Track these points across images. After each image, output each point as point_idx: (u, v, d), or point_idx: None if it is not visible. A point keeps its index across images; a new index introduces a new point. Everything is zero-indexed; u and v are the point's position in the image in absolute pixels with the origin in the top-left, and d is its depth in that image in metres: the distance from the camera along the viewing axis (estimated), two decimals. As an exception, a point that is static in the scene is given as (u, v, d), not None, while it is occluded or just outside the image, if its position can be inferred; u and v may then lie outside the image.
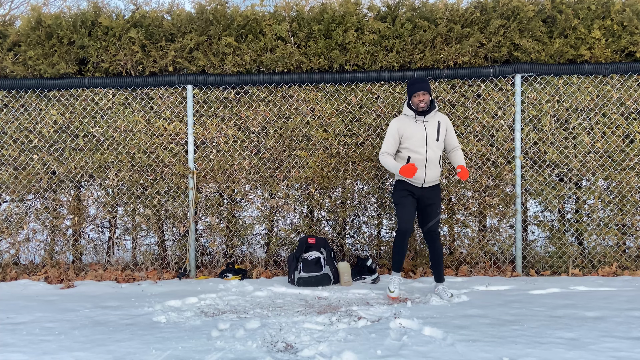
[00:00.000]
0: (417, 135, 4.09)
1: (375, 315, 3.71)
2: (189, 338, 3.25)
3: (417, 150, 4.09)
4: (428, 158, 4.08)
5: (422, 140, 4.09)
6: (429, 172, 4.11)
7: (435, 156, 4.12)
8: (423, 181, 4.12)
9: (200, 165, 5.17)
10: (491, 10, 4.91)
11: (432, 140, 4.10)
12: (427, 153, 4.08)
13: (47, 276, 5.00)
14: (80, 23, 5.00)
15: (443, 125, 4.17)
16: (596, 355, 2.84)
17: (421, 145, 4.09)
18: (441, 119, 4.19)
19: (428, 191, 4.17)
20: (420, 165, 4.09)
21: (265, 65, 5.04)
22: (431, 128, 4.12)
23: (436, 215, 4.19)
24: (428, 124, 4.12)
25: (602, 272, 4.93)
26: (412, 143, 4.10)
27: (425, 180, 4.12)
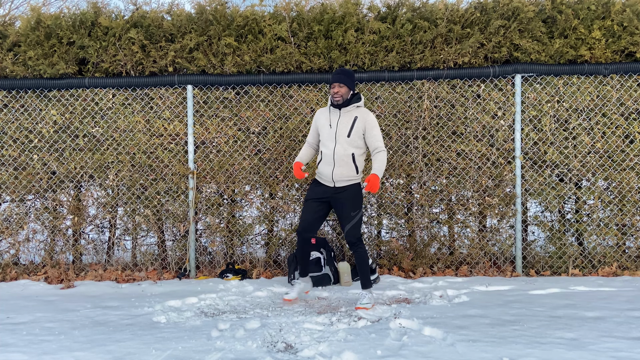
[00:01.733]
0: (328, 129, 3.90)
1: (375, 315, 3.71)
2: (189, 338, 3.25)
3: (326, 145, 3.90)
4: (336, 154, 3.84)
5: (332, 134, 3.86)
6: (337, 170, 3.86)
7: (346, 153, 3.83)
8: (331, 179, 3.90)
9: (200, 166, 5.17)
10: (491, 11, 4.91)
11: (342, 136, 3.83)
12: (334, 149, 3.84)
13: (47, 276, 5.00)
14: (80, 23, 5.00)
15: (360, 121, 3.84)
16: (596, 356, 2.84)
17: (330, 139, 3.87)
18: (360, 114, 3.87)
19: (339, 191, 3.91)
20: (328, 162, 3.87)
21: (265, 65, 5.04)
22: (344, 122, 3.86)
23: (349, 218, 3.86)
24: (342, 118, 3.87)
25: (602, 272, 4.93)
26: (324, 135, 3.92)
27: (334, 179, 3.88)
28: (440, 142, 5.08)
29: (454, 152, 5.07)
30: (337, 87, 3.85)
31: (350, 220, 3.87)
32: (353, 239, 3.91)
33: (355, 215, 3.88)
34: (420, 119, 5.06)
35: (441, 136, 5.07)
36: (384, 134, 5.11)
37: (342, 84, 3.84)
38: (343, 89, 3.85)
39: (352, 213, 3.87)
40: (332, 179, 3.91)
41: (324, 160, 3.94)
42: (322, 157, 3.95)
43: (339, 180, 3.91)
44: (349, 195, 3.90)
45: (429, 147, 5.07)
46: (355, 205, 3.89)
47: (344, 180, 3.91)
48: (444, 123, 5.07)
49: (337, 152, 3.85)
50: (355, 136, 3.85)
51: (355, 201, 3.91)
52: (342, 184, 3.92)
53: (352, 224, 3.88)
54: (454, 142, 5.08)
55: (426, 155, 5.09)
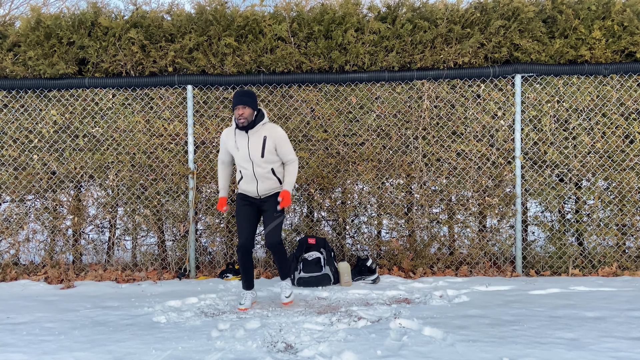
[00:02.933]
0: (241, 151, 3.88)
1: (375, 315, 3.71)
2: (189, 338, 3.25)
3: (243, 166, 3.91)
4: (256, 173, 3.88)
5: (246, 156, 3.86)
6: (262, 185, 3.92)
7: (265, 171, 3.88)
8: (257, 194, 3.95)
9: (200, 166, 5.17)
10: (491, 11, 4.91)
11: (256, 157, 3.84)
12: (253, 169, 3.87)
13: (47, 276, 5.00)
14: (80, 23, 5.00)
15: (270, 140, 3.82)
16: (596, 356, 2.84)
17: (245, 160, 3.88)
18: (268, 133, 3.84)
19: (265, 200, 3.96)
20: (250, 180, 3.92)
21: (265, 65, 5.04)
22: (255, 143, 3.83)
23: (272, 219, 3.88)
24: (252, 139, 3.84)
25: (602, 273, 4.93)
26: (238, 158, 3.91)
27: (259, 194, 3.94)
28: (440, 142, 5.08)
29: (454, 152, 5.07)
30: (241, 109, 3.77)
31: (272, 221, 3.89)
32: (274, 241, 3.87)
33: (278, 216, 3.91)
34: (420, 119, 5.06)
35: (441, 136, 5.07)
36: (384, 134, 5.11)
37: (246, 105, 3.77)
38: (247, 110, 3.78)
39: (275, 214, 3.90)
40: (258, 194, 3.96)
41: (245, 180, 3.95)
42: (243, 176, 3.95)
43: (264, 194, 3.97)
44: (274, 200, 3.95)
45: (429, 147, 5.07)
46: (276, 209, 3.92)
47: (269, 192, 3.97)
48: (444, 123, 5.07)
49: (257, 172, 3.89)
50: (269, 154, 3.86)
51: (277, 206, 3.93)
52: (267, 194, 3.98)
53: (274, 225, 3.89)
54: (454, 142, 5.08)
55: (426, 155, 5.09)
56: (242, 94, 3.81)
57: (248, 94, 3.81)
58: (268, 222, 3.92)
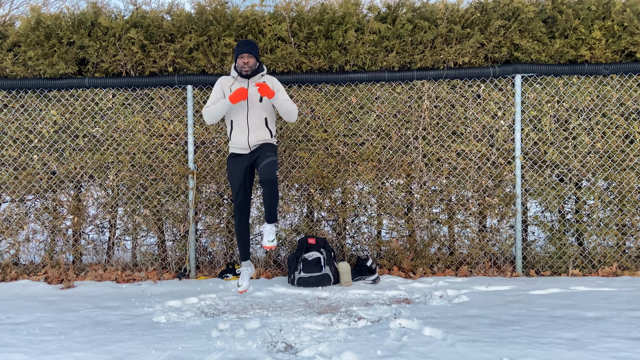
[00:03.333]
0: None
1: (375, 315, 3.71)
2: (189, 338, 3.25)
3: (238, 113, 3.91)
4: (250, 121, 3.90)
5: (243, 102, 3.88)
6: (253, 136, 3.93)
7: (259, 119, 3.92)
8: (247, 145, 3.94)
9: (200, 166, 5.17)
10: (491, 11, 4.91)
11: (254, 102, 3.89)
12: (248, 115, 3.89)
13: (47, 276, 5.00)
14: (80, 23, 5.00)
15: (269, 84, 3.91)
16: (596, 356, 2.84)
17: (241, 107, 3.89)
18: (267, 80, 3.96)
19: (256, 150, 3.95)
20: (241, 129, 3.91)
21: (265, 65, 5.04)
22: (254, 90, 3.89)
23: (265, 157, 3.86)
24: (251, 86, 3.92)
25: (602, 273, 4.93)
26: (234, 106, 3.91)
27: (250, 145, 3.94)
28: (440, 142, 5.08)
29: (454, 152, 5.07)
30: (247, 57, 3.87)
31: (266, 158, 3.87)
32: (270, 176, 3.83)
33: (272, 155, 3.90)
34: (420, 119, 5.06)
35: (441, 136, 5.07)
36: (384, 134, 5.11)
37: (251, 54, 3.87)
38: (252, 60, 3.89)
39: (268, 153, 3.89)
40: (249, 145, 3.95)
41: (236, 129, 3.95)
42: (234, 126, 3.95)
43: (254, 145, 3.96)
44: (265, 145, 3.95)
45: (429, 147, 5.07)
46: (271, 150, 3.93)
47: (260, 142, 3.97)
48: (444, 123, 5.07)
49: (251, 118, 3.90)
50: (266, 100, 3.92)
51: (272, 148, 3.96)
52: (257, 145, 3.97)
53: (269, 161, 3.85)
54: (454, 142, 5.08)
55: (426, 155, 5.09)
56: (247, 42, 3.89)
57: (252, 44, 3.90)
58: (262, 160, 3.87)
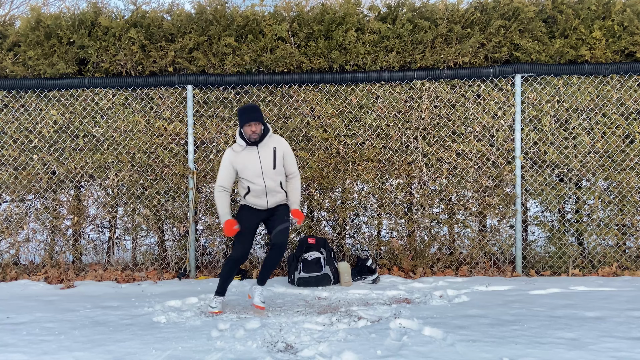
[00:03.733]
0: (252, 166, 3.86)
1: (375, 315, 3.71)
2: (189, 338, 3.25)
3: (254, 181, 3.88)
4: (267, 187, 3.89)
5: (258, 170, 3.86)
6: (271, 199, 3.94)
7: (275, 184, 3.91)
8: (266, 206, 3.96)
9: (200, 166, 5.17)
10: (491, 11, 4.91)
11: (269, 169, 3.87)
12: (265, 183, 3.88)
13: (47, 276, 5.00)
14: (80, 23, 5.00)
15: (279, 151, 3.90)
16: (596, 356, 2.84)
17: (257, 175, 3.87)
18: (277, 144, 3.91)
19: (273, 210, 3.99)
20: (260, 194, 3.91)
21: (265, 65, 5.04)
22: (266, 156, 3.87)
23: (282, 221, 3.90)
24: (262, 152, 3.87)
25: (602, 272, 4.93)
26: (248, 174, 3.88)
27: (269, 205, 3.95)
28: (440, 142, 5.08)
29: (454, 152, 5.07)
30: (254, 125, 3.80)
31: (282, 223, 3.90)
32: (283, 241, 3.86)
33: (288, 219, 3.95)
34: (420, 119, 5.06)
35: (441, 136, 5.07)
36: (384, 134, 5.11)
37: (259, 122, 3.81)
38: (259, 126, 3.83)
39: (285, 217, 3.94)
40: (267, 206, 3.97)
41: (253, 194, 3.92)
42: (251, 191, 3.91)
43: (273, 205, 3.99)
44: (282, 207, 4.00)
45: (429, 147, 5.07)
46: (287, 213, 3.98)
47: (277, 204, 4.00)
48: (444, 123, 5.07)
49: (268, 185, 3.90)
50: (279, 165, 3.92)
51: (287, 211, 4.00)
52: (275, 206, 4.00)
53: (284, 227, 3.88)
54: (454, 142, 5.08)
55: (426, 155, 5.09)
56: (251, 109, 3.82)
57: (257, 109, 3.84)
58: (278, 223, 3.90)
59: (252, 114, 3.79)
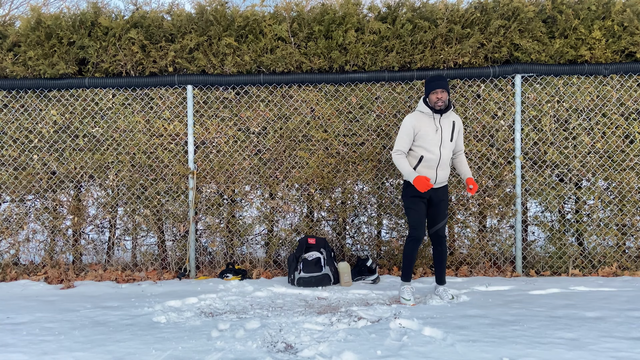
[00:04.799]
0: (432, 134, 3.96)
1: (375, 315, 3.71)
2: (189, 338, 3.25)
3: (431, 150, 3.97)
4: (441, 158, 3.99)
5: (437, 139, 3.97)
6: (441, 173, 4.03)
7: (448, 157, 4.04)
8: (435, 182, 4.03)
9: (200, 166, 5.17)
10: (491, 11, 4.91)
11: (447, 141, 4.00)
12: (440, 153, 3.98)
13: (47, 276, 5.00)
14: (80, 23, 5.00)
15: (457, 126, 4.08)
16: (596, 356, 2.84)
17: (436, 144, 3.97)
18: (456, 119, 4.09)
19: (437, 191, 4.08)
20: (432, 165, 3.99)
21: (265, 65, 5.04)
22: (446, 128, 4.01)
23: (444, 217, 4.11)
24: (444, 123, 4.01)
25: (602, 273, 4.93)
26: (427, 142, 3.96)
27: (437, 181, 4.04)
28: (440, 142, 5.08)
29: (454, 152, 5.07)
30: (440, 93, 3.92)
31: (444, 218, 4.13)
32: (443, 237, 4.16)
33: (447, 213, 4.18)
34: (420, 119, 5.05)
35: (441, 136, 5.07)
36: (383, 134, 5.11)
37: (445, 90, 3.93)
38: (445, 94, 3.95)
39: (446, 211, 4.16)
40: (435, 181, 4.05)
41: (425, 164, 4.01)
42: (424, 161, 4.00)
43: (439, 183, 4.08)
44: (445, 194, 4.15)
45: (429, 147, 5.07)
46: (447, 205, 4.19)
47: (442, 182, 4.10)
48: (444, 123, 5.07)
49: (444, 156, 4.01)
50: (454, 140, 4.08)
51: (448, 200, 4.21)
52: (440, 185, 4.10)
53: (444, 222, 4.13)
54: (454, 142, 5.07)
55: (426, 155, 5.09)
56: (440, 78, 3.95)
57: (445, 79, 3.97)
58: (440, 218, 4.10)
59: (440, 81, 3.92)
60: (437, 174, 4.02)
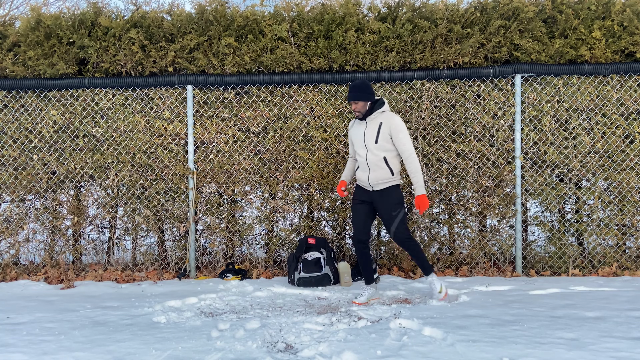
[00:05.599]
0: (358, 138, 4.10)
1: (375, 315, 3.71)
2: (189, 338, 3.25)
3: (359, 153, 4.10)
4: (369, 161, 4.01)
5: (361, 142, 4.06)
6: (373, 175, 4.00)
7: (377, 159, 3.98)
8: (368, 183, 4.05)
9: (200, 166, 5.17)
10: (491, 11, 4.91)
11: (370, 143, 3.99)
12: (366, 156, 4.02)
13: (47, 276, 5.00)
14: (80, 23, 5.00)
15: (385, 127, 3.96)
16: (596, 356, 2.84)
17: (361, 147, 4.07)
18: (384, 119, 3.99)
19: (378, 194, 4.04)
20: (364, 168, 4.06)
21: (265, 65, 5.04)
22: (371, 130, 4.01)
23: (391, 218, 3.98)
24: (368, 126, 4.04)
25: (602, 273, 4.93)
26: (356, 145, 4.13)
27: (371, 183, 4.03)
28: (440, 142, 5.08)
29: (454, 152, 5.07)
30: (353, 104, 4.04)
31: (392, 221, 3.99)
32: (401, 238, 4.01)
33: (397, 215, 4.01)
34: (420, 119, 5.06)
35: (441, 136, 5.08)
36: (384, 134, 5.11)
37: (357, 100, 4.00)
38: (359, 104, 4.02)
39: (392, 213, 3.99)
40: (369, 184, 4.05)
41: (360, 167, 4.12)
42: (358, 164, 4.14)
43: (376, 184, 4.04)
44: (387, 196, 4.03)
45: (429, 147, 5.07)
46: (394, 206, 4.00)
47: (381, 184, 4.04)
48: (444, 123, 5.07)
49: (369, 158, 4.02)
50: (383, 141, 3.98)
51: (394, 202, 4.02)
52: (379, 187, 4.04)
53: (396, 225, 3.99)
54: (454, 142, 5.08)
55: (426, 155, 5.10)
56: (350, 89, 4.01)
57: (357, 89, 4.00)
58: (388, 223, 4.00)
59: (350, 93, 4.01)
60: (370, 177, 4.02)
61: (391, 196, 4.02)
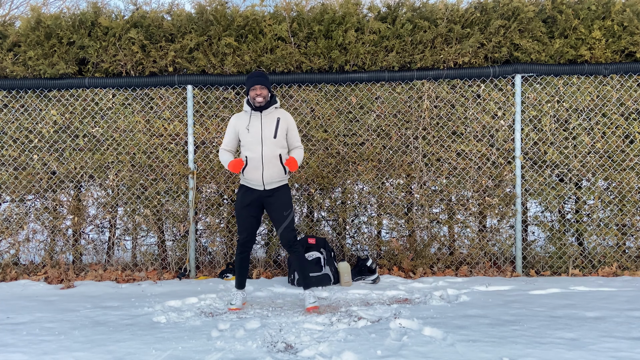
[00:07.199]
0: (253, 132, 3.84)
1: (375, 315, 3.71)
2: (189, 338, 3.25)
3: (251, 149, 3.83)
4: (264, 157, 3.81)
5: (257, 137, 3.82)
6: (267, 173, 3.83)
7: (274, 155, 3.83)
8: (262, 182, 3.85)
9: (200, 166, 5.17)
10: (491, 11, 4.91)
11: (269, 138, 3.82)
12: (262, 151, 3.81)
13: (47, 276, 5.00)
14: (80, 23, 5.00)
15: (283, 122, 3.88)
16: (596, 356, 2.84)
17: (256, 142, 3.83)
18: (281, 115, 3.90)
19: (269, 193, 3.88)
20: (257, 165, 3.82)
21: (265, 65, 5.04)
22: (268, 124, 3.85)
23: (283, 218, 3.86)
24: (265, 120, 3.86)
25: (602, 273, 4.93)
26: (247, 140, 3.86)
27: (265, 182, 3.85)
28: (440, 142, 5.08)
29: (454, 152, 5.07)
30: (259, 89, 3.83)
31: (283, 221, 3.88)
32: (289, 241, 3.90)
33: (288, 214, 3.90)
34: (420, 119, 5.06)
35: (441, 136, 5.08)
36: (384, 134, 5.11)
37: (264, 86, 3.84)
38: (264, 91, 3.85)
39: (284, 213, 3.89)
40: (263, 182, 3.86)
41: (250, 165, 3.85)
42: (248, 161, 3.86)
43: (269, 183, 3.88)
44: (280, 196, 3.91)
45: (429, 147, 5.07)
46: (286, 205, 3.91)
47: (274, 182, 3.90)
48: (444, 123, 5.07)
49: (265, 154, 3.82)
50: (281, 137, 3.88)
51: (286, 201, 3.92)
52: (272, 186, 3.89)
53: (286, 225, 3.88)
54: (454, 142, 5.08)
55: (426, 155, 5.10)
56: (258, 74, 3.88)
57: (264, 75, 3.91)
58: (279, 223, 3.89)
59: (258, 77, 3.84)
60: (264, 174, 3.83)
61: (285, 195, 3.92)
